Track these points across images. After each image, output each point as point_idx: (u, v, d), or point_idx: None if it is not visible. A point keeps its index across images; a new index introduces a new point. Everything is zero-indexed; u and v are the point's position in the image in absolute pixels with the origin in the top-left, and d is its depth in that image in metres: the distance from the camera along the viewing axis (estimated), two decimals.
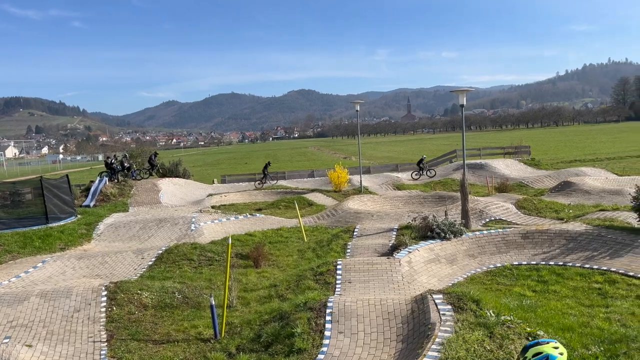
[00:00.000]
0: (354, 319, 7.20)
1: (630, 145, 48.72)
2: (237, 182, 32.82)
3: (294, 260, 12.75)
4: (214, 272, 11.58)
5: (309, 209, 21.07)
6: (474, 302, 6.92)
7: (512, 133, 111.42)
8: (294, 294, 9.19)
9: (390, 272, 10.02)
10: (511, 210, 17.21)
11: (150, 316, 8.89)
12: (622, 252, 10.35)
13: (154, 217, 17.35)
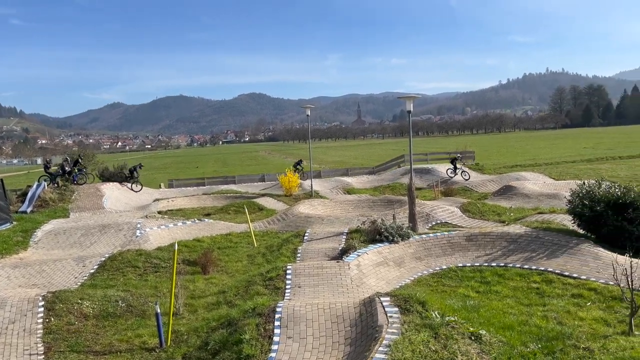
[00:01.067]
0: (303, 324, 7.19)
1: (566, 151, 51.43)
2: (185, 187, 32.14)
3: (244, 265, 12.61)
4: (160, 280, 11.26)
5: (259, 214, 20.90)
6: (420, 304, 7.08)
7: (458, 139, 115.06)
8: (243, 300, 9.07)
9: (339, 276, 10.08)
10: (456, 213, 17.74)
11: (92, 326, 8.54)
12: (558, 253, 10.87)
13: (97, 223, 16.69)
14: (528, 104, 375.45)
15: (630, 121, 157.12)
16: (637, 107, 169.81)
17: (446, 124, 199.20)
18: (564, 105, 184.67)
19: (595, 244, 11.09)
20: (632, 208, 11.17)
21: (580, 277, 9.59)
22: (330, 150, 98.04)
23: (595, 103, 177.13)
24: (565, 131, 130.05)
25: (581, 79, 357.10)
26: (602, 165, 35.43)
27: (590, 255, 10.49)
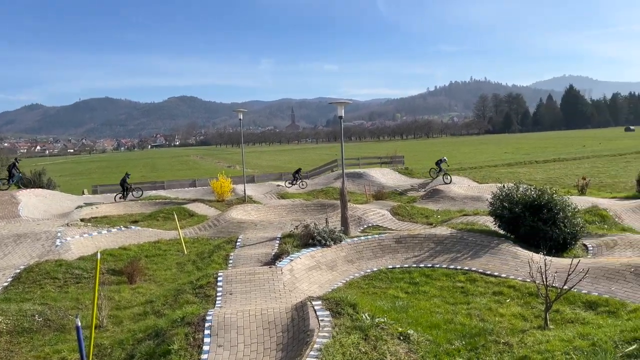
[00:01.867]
0: (233, 331, 7.07)
1: (488, 155, 54.26)
2: (110, 193, 30.71)
3: (173, 274, 12.22)
4: (82, 291, 10.67)
5: (189, 220, 20.37)
6: (351, 307, 7.17)
7: (389, 144, 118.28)
8: (172, 310, 8.78)
9: (272, 281, 10.02)
10: (387, 216, 18.20)
11: (5, 343, 7.93)
12: (481, 253, 11.42)
13: (12, 233, 15.55)
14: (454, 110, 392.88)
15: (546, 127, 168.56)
16: (551, 114, 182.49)
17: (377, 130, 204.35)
18: (486, 112, 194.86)
19: (514, 244, 11.76)
20: (546, 209, 11.96)
21: (501, 275, 10.12)
22: (264, 155, 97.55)
23: (515, 110, 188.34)
24: (488, 137, 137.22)
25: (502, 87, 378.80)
26: (520, 169, 37.67)
27: (510, 254, 11.10)
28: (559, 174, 33.12)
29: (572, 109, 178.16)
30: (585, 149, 54.84)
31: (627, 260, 10.08)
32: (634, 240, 12.60)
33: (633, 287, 8.91)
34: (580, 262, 9.05)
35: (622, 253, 11.78)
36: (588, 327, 7.01)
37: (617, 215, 16.36)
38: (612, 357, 5.59)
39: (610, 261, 10.11)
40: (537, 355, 6.16)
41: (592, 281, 9.18)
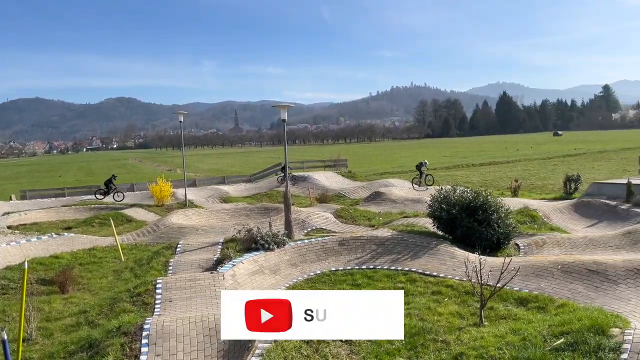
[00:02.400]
0: (173, 340, 6.87)
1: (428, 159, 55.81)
2: (41, 198, 29.13)
3: (109, 282, 11.74)
4: (9, 303, 10.05)
5: (127, 226, 19.66)
6: None
7: (332, 147, 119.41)
8: (107, 319, 8.44)
9: (213, 287, 9.84)
10: (330, 219, 18.33)
11: None
12: (420, 254, 11.73)
13: None
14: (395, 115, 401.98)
15: (481, 132, 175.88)
16: (486, 119, 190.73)
17: (321, 133, 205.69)
18: (426, 117, 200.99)
19: (452, 244, 12.17)
20: (481, 210, 12.47)
21: (439, 275, 10.44)
22: (207, 158, 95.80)
23: (453, 115, 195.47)
24: (427, 141, 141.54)
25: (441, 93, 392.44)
26: (458, 172, 39.13)
27: (448, 254, 11.47)
28: (493, 176, 34.64)
29: (506, 114, 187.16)
30: (518, 153, 57.67)
31: (555, 258, 10.68)
32: (561, 239, 13.37)
33: (560, 284, 9.44)
34: (512, 260, 9.49)
35: (550, 251, 12.46)
36: (519, 322, 7.35)
37: (546, 216, 17.28)
38: (541, 351, 5.88)
39: (540, 259, 10.67)
40: (473, 352, 6.39)
41: (523, 279, 9.64)
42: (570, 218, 17.47)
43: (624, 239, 12.46)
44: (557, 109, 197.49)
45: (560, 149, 59.33)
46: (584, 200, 18.79)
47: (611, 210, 16.93)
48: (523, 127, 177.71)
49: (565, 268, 9.81)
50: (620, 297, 8.56)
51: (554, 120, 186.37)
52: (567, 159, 46.31)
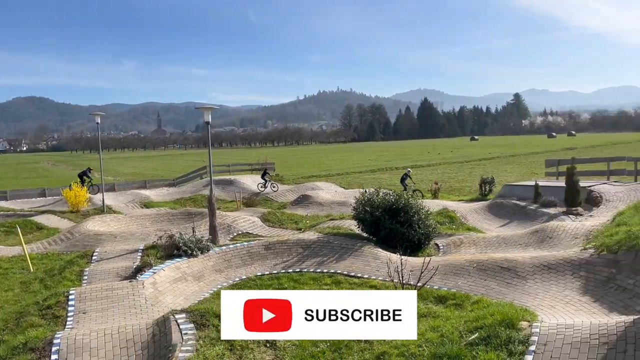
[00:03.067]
0: (86, 354, 6.48)
1: (354, 162, 57.04)
2: None
3: (15, 294, 10.89)
4: None
5: (37, 234, 18.35)
6: (216, 318, 6.98)
7: (260, 150, 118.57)
8: (13, 335, 7.80)
9: (132, 297, 9.40)
10: (257, 223, 18.16)
11: None
12: (345, 256, 11.90)
13: None
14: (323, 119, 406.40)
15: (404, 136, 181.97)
16: (409, 124, 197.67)
17: (249, 136, 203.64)
18: (352, 121, 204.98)
19: (376, 245, 12.46)
20: (403, 212, 12.88)
21: (364, 276, 10.64)
22: (127, 161, 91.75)
23: (377, 120, 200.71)
24: (353, 145, 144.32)
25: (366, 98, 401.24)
26: (382, 175, 40.20)
27: (372, 255, 11.73)
28: (415, 179, 35.85)
29: (427, 119, 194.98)
30: (439, 157, 60.29)
31: (471, 257, 11.24)
32: (476, 238, 14.10)
33: (475, 281, 9.94)
34: (431, 260, 9.86)
35: (467, 250, 13.11)
36: (438, 320, 7.63)
37: (463, 216, 18.17)
38: (457, 346, 6.14)
39: (457, 258, 11.18)
40: (394, 350, 6.55)
41: (442, 277, 10.05)
42: (485, 218, 18.49)
43: (532, 237, 13.35)
44: (473, 115, 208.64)
45: (477, 153, 62.72)
46: (497, 202, 19.96)
47: (521, 210, 18.10)
48: (443, 132, 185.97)
49: (480, 266, 10.34)
50: (529, 291, 9.15)
51: (471, 126, 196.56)
52: (483, 162, 49.03)
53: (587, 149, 62.67)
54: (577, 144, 68.57)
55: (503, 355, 5.83)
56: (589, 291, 8.65)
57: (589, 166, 26.71)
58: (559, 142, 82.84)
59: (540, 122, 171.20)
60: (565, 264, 9.72)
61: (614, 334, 5.79)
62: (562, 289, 9.00)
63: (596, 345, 5.71)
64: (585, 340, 5.77)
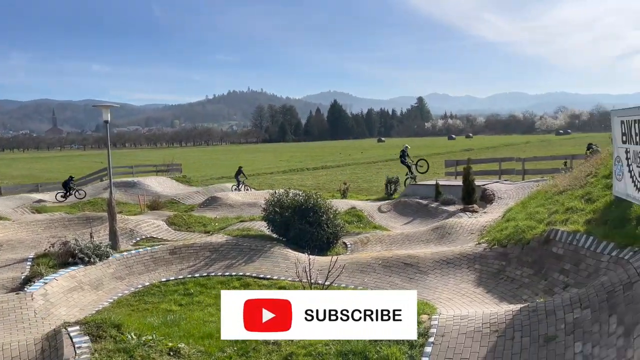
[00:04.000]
0: None
1: (266, 163, 56.82)
2: None
3: None
4: None
5: None
6: (114, 328, 6.59)
7: (167, 151, 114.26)
8: None
9: (19, 310, 8.61)
10: (162, 227, 17.45)
11: None
12: (254, 258, 11.77)
13: None
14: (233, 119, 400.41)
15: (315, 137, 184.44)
16: (319, 126, 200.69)
17: (155, 136, 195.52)
18: (263, 122, 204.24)
19: (286, 246, 12.47)
20: (313, 212, 13.01)
21: (273, 277, 10.59)
22: (17, 163, 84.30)
23: (289, 121, 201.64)
24: (265, 145, 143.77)
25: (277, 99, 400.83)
26: (294, 176, 40.42)
27: (281, 256, 11.71)
28: (325, 179, 36.56)
29: (337, 121, 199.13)
30: (348, 157, 61.77)
31: (377, 254, 11.61)
32: (382, 236, 14.61)
33: (381, 277, 10.28)
34: (339, 258, 10.04)
35: (373, 248, 13.52)
36: None
37: (370, 215, 18.73)
38: (362, 342, 6.27)
39: (364, 256, 11.49)
40: (302, 350, 6.57)
41: (350, 275, 10.28)
42: (391, 216, 19.21)
43: (433, 233, 14.07)
44: (380, 117, 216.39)
45: (383, 154, 65.08)
46: (401, 200, 20.82)
47: (423, 208, 19.01)
48: (352, 134, 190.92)
49: (385, 263, 10.71)
50: (430, 286, 9.63)
51: (378, 128, 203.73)
52: (389, 163, 50.93)
53: (482, 150, 67.39)
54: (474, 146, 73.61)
55: (405, 349, 6.06)
56: (483, 283, 9.27)
57: (484, 166, 28.67)
58: (458, 144, 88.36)
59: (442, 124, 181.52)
60: (462, 258, 10.35)
61: (503, 322, 6.23)
62: (459, 281, 9.57)
63: (488, 333, 6.11)
64: (478, 329, 6.16)
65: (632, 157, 7.71)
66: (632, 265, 6.04)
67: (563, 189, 10.97)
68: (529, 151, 51.16)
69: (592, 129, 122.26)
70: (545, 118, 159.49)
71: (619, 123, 8.30)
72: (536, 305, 6.43)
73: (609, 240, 7.26)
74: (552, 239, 8.75)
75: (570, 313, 5.90)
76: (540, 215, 10.14)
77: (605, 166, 10.29)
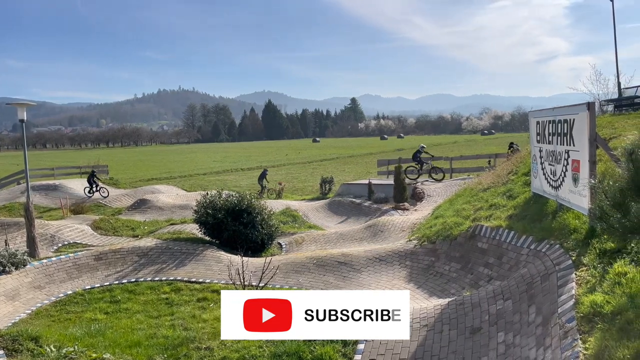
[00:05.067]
0: None
1: (198, 164, 55.50)
2: None
3: None
4: None
5: None
6: (32, 341, 6.16)
7: (92, 152, 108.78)
8: None
9: None
10: (87, 231, 16.62)
11: None
12: (186, 261, 11.44)
13: None
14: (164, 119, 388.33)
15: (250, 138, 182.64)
16: (254, 125, 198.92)
17: (79, 136, 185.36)
18: (195, 122, 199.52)
19: (219, 249, 12.21)
20: (246, 213, 12.83)
21: (205, 281, 10.33)
22: None
23: (222, 121, 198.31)
24: (197, 145, 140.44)
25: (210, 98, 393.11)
26: (228, 177, 39.75)
27: (214, 259, 11.46)
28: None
29: (272, 121, 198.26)
30: (286, 158, 61.63)
31: (311, 254, 11.63)
32: (317, 235, 14.68)
33: (316, 277, 10.31)
34: (273, 259, 9.99)
35: (308, 247, 13.55)
36: None
37: (305, 215, 18.79)
38: (296, 343, 6.24)
39: (298, 256, 11.49)
40: (235, 354, 6.45)
41: (284, 275, 10.23)
42: (325, 216, 19.37)
43: (366, 231, 14.32)
44: (315, 118, 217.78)
45: (318, 154, 65.55)
46: (335, 200, 21.05)
47: (357, 207, 19.32)
48: (287, 134, 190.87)
49: (319, 262, 10.76)
50: (363, 283, 9.77)
51: (313, 128, 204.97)
52: (324, 163, 51.39)
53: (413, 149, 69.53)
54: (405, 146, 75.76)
55: (338, 347, 6.10)
56: (414, 279, 9.54)
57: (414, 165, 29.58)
58: (390, 144, 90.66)
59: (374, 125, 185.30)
60: (394, 255, 10.59)
61: (432, 317, 6.43)
62: (392, 278, 9.78)
63: (418, 328, 6.28)
64: (409, 324, 6.30)
65: (545, 155, 8.23)
66: (549, 257, 6.42)
67: (487, 187, 11.51)
68: (457, 150, 53.34)
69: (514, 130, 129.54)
70: (471, 119, 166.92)
71: (534, 124, 8.83)
72: (463, 299, 6.69)
73: (528, 234, 7.68)
74: (477, 234, 9.16)
75: (493, 305, 6.18)
76: (467, 211, 10.58)
77: (525, 164, 10.91)
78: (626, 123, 10.95)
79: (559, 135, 7.54)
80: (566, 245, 6.35)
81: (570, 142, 7.12)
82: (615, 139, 8.95)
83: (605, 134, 9.29)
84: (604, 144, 6.92)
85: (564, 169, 7.35)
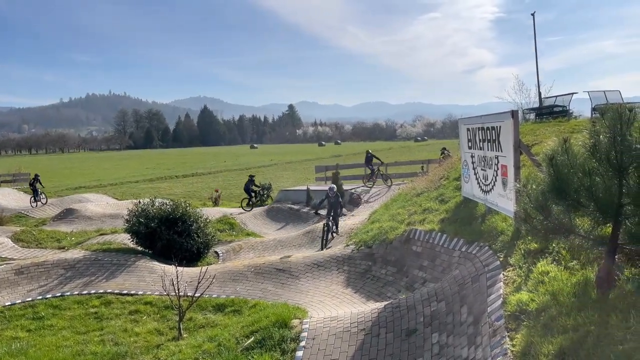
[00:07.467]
0: None
1: (130, 171, 53.43)
2: None
3: None
4: None
5: None
6: None
7: (13, 159, 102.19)
8: None
9: None
10: (7, 244, 15.53)
11: None
12: (117, 273, 10.95)
13: None
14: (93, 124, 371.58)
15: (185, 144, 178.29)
16: (189, 131, 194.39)
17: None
18: (127, 128, 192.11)
19: (152, 259, 11.79)
20: (181, 222, 12.48)
21: (138, 292, 9.92)
22: None
23: (155, 127, 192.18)
24: (129, 152, 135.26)
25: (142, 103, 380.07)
26: (162, 184, 38.52)
27: (147, 270, 11.04)
28: (197, 187, 35.40)
29: (208, 127, 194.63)
30: (223, 164, 60.58)
31: (249, 261, 11.48)
32: (255, 243, 14.52)
33: (254, 285, 10.17)
34: (210, 268, 9.77)
35: (246, 255, 13.38)
36: (216, 329, 7.55)
37: (243, 222, 18.54)
38: (233, 353, 6.13)
39: (236, 265, 11.29)
40: None
41: (221, 285, 10.02)
42: (264, 223, 19.21)
43: (304, 237, 14.34)
44: (252, 124, 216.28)
45: (256, 160, 65.03)
46: (274, 206, 20.94)
47: (295, 213, 19.32)
48: (224, 140, 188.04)
49: (257, 270, 10.63)
50: (301, 290, 9.74)
51: (250, 134, 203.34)
52: (262, 169, 51.02)
53: (350, 155, 70.56)
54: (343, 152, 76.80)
55: (277, 355, 6.04)
56: (351, 283, 9.63)
57: (351, 171, 29.98)
58: (328, 150, 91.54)
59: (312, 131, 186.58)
60: (332, 260, 10.65)
61: (369, 320, 6.51)
62: (330, 283, 9.82)
63: (356, 332, 6.34)
64: (347, 329, 6.35)
65: (477, 161, 8.59)
66: (479, 259, 6.69)
67: (421, 191, 11.86)
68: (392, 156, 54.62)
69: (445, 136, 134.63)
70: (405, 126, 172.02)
71: (465, 130, 9.20)
72: (399, 302, 6.82)
73: (459, 236, 7.97)
74: (412, 238, 9.40)
75: (428, 307, 6.35)
76: (401, 216, 10.84)
77: (455, 170, 11.34)
78: (547, 130, 11.65)
79: (489, 142, 7.90)
80: (494, 246, 6.64)
81: (498, 148, 7.48)
82: (537, 145, 9.50)
83: (528, 141, 9.84)
84: (527, 150, 7.32)
85: (495, 174, 7.71)
